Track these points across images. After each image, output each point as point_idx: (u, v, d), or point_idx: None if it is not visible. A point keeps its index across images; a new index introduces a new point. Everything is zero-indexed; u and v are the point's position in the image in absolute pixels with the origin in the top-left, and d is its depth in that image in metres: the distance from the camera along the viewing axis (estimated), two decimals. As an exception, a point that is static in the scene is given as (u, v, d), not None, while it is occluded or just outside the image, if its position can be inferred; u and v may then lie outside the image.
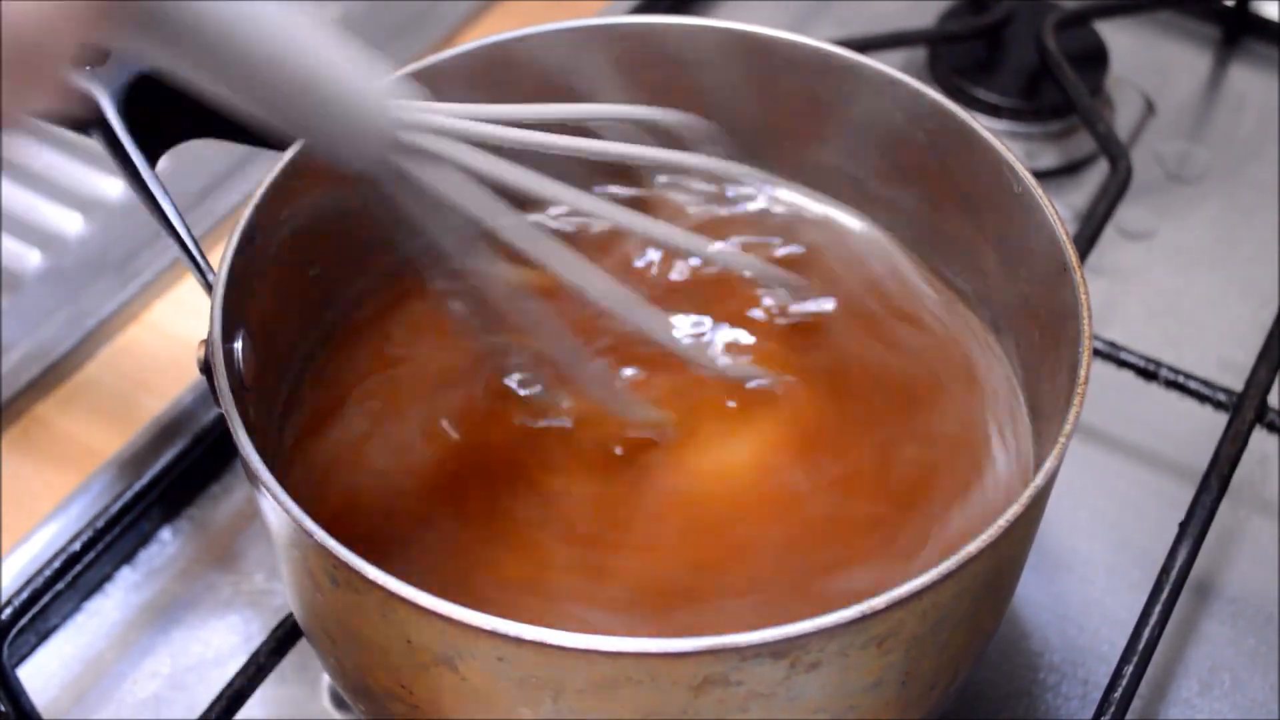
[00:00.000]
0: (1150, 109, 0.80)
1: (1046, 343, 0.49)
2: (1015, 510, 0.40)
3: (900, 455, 0.50)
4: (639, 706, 0.39)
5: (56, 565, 0.55)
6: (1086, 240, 0.63)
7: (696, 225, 0.56)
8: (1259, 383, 0.59)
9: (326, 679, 0.56)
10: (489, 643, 0.38)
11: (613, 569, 0.47)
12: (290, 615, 0.53)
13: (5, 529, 0.60)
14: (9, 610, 0.54)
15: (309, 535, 0.39)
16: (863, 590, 0.39)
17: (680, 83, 0.55)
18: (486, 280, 0.47)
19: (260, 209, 0.48)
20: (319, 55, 0.41)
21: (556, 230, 0.55)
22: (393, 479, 0.50)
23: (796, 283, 0.54)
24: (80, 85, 0.48)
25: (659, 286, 0.55)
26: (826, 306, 0.54)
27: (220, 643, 0.58)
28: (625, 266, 0.55)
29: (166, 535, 0.61)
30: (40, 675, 0.57)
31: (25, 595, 0.54)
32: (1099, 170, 0.74)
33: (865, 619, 0.38)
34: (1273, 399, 0.60)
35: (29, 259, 0.71)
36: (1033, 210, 0.49)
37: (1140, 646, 0.50)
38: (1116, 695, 0.50)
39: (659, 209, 0.57)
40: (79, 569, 0.56)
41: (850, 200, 0.57)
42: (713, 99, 0.56)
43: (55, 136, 0.73)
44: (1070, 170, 0.76)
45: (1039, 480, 0.41)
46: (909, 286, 0.55)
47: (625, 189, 0.57)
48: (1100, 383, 0.61)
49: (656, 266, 0.56)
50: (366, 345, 0.53)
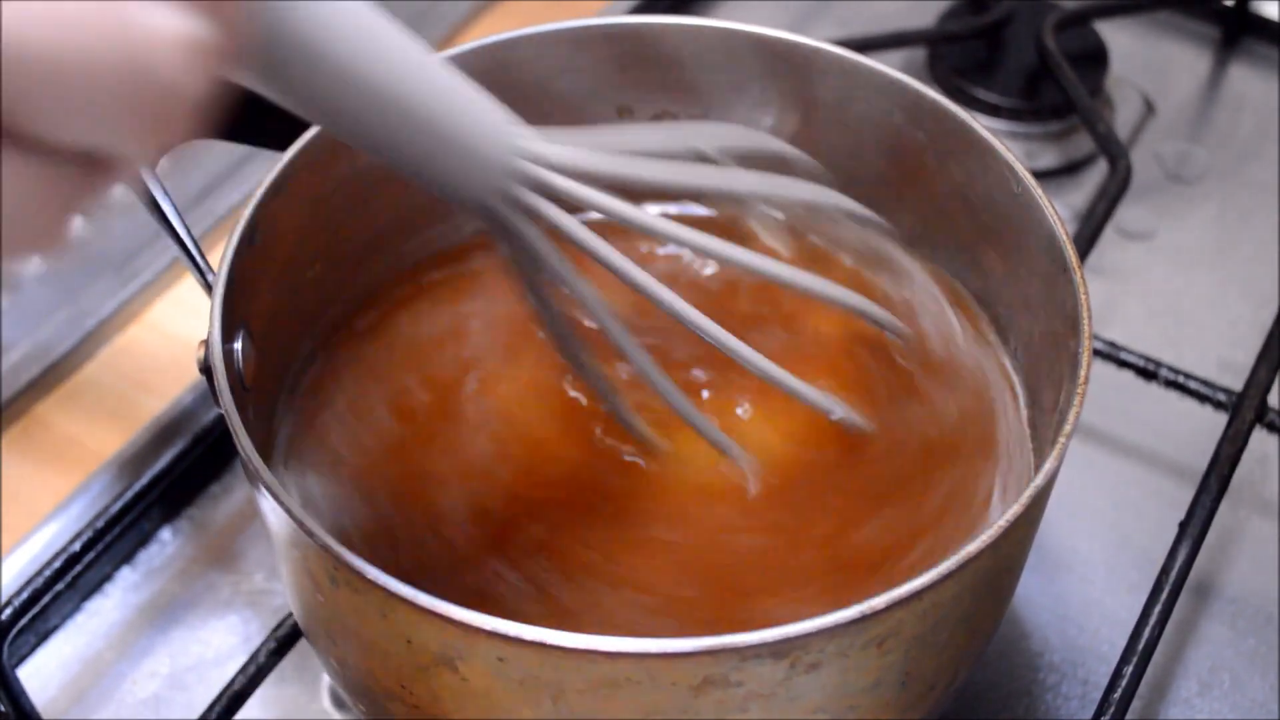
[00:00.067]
0: (1150, 109, 0.80)
1: (1046, 343, 0.49)
2: (1015, 510, 0.40)
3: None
4: (639, 707, 0.39)
5: (56, 565, 0.55)
6: (1086, 240, 0.63)
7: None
8: (1259, 383, 0.59)
9: (326, 679, 0.56)
10: (489, 643, 0.38)
11: (622, 578, 0.47)
12: (290, 615, 0.53)
13: (5, 529, 0.60)
14: (9, 610, 0.54)
15: (309, 535, 0.39)
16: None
17: (680, 83, 0.55)
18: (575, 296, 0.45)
19: (260, 209, 0.48)
20: (443, 97, 0.40)
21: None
22: (392, 479, 0.50)
23: (905, 332, 0.52)
24: None
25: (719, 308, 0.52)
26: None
27: (220, 643, 0.58)
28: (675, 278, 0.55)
29: (166, 535, 0.61)
30: (40, 675, 0.57)
31: (25, 595, 0.54)
32: (1099, 170, 0.74)
33: (865, 619, 0.38)
34: (1273, 399, 0.60)
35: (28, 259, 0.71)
36: (1033, 210, 0.49)
37: (1140, 646, 0.50)
38: (1116, 695, 0.50)
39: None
40: (79, 569, 0.56)
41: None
42: (713, 99, 0.56)
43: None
44: (1070, 170, 0.76)
45: (1039, 480, 0.41)
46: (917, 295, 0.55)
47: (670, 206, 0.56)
48: (1100, 383, 0.62)
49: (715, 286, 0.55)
50: (366, 346, 0.53)
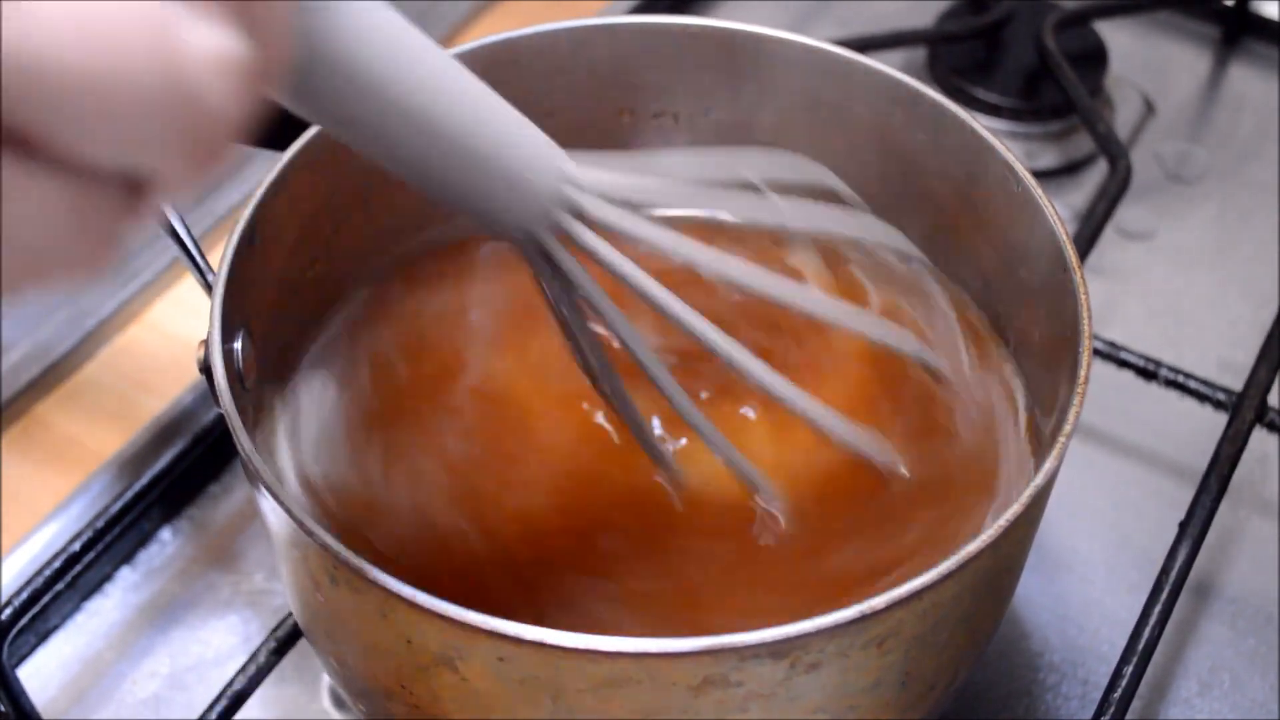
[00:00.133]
0: (1150, 109, 0.80)
1: (1046, 343, 0.49)
2: (1015, 510, 0.40)
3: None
4: (639, 706, 0.39)
5: (56, 565, 0.55)
6: (1086, 240, 0.63)
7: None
8: (1259, 383, 0.59)
9: (326, 679, 0.56)
10: (489, 643, 0.38)
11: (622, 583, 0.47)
12: (290, 615, 0.53)
13: (5, 529, 0.60)
14: (9, 610, 0.53)
15: (309, 535, 0.39)
16: None
17: (680, 82, 0.55)
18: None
19: (260, 209, 0.48)
20: (493, 124, 0.38)
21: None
22: (392, 479, 0.50)
23: (939, 367, 0.51)
24: None
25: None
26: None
27: (220, 643, 0.58)
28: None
29: (166, 535, 0.61)
30: (40, 675, 0.57)
31: (25, 595, 0.54)
32: (1099, 170, 0.74)
33: (865, 619, 0.38)
34: (1273, 399, 0.60)
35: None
36: (1033, 210, 0.49)
37: (1140, 646, 0.50)
38: (1116, 695, 0.50)
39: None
40: (79, 569, 0.56)
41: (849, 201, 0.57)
42: (713, 99, 0.56)
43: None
44: (1070, 170, 0.76)
45: (1039, 480, 0.41)
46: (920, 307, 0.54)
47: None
48: (1100, 383, 0.62)
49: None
50: (366, 345, 0.53)
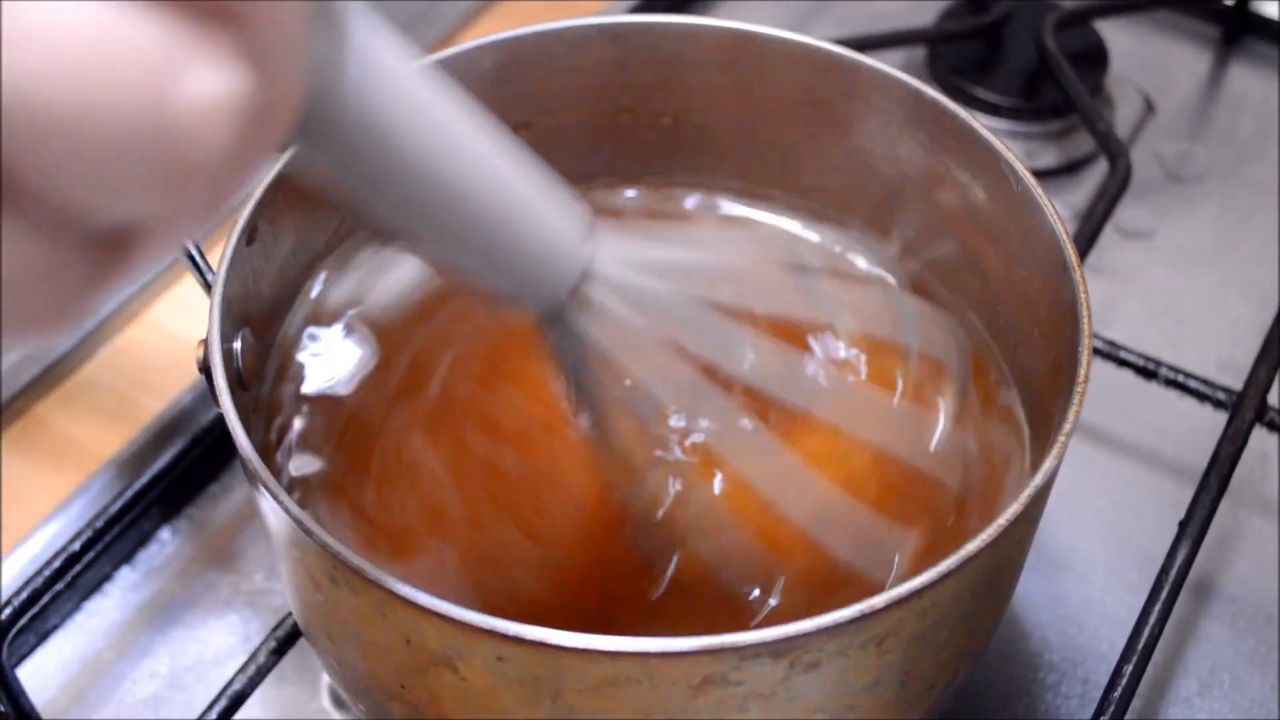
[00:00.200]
0: (1150, 108, 0.80)
1: (1046, 342, 0.49)
2: (1014, 510, 0.40)
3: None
4: (638, 706, 0.39)
5: (56, 565, 0.55)
6: (1086, 240, 0.63)
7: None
8: (1259, 382, 0.59)
9: (326, 679, 0.56)
10: (489, 643, 0.38)
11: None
12: (290, 615, 0.53)
13: (5, 529, 0.60)
14: (9, 610, 0.53)
15: (309, 535, 0.39)
16: None
17: (680, 83, 0.55)
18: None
19: (260, 209, 0.48)
20: (523, 194, 0.36)
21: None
22: (391, 479, 0.50)
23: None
24: None
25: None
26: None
27: (219, 643, 0.58)
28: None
29: (166, 535, 0.61)
30: (40, 675, 0.57)
31: (25, 595, 0.54)
32: (1099, 170, 0.74)
33: (864, 618, 0.38)
34: (1273, 398, 0.60)
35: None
36: (1033, 210, 0.49)
37: (1140, 646, 0.50)
38: (1116, 695, 0.50)
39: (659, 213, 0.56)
40: (79, 569, 0.56)
41: (849, 200, 0.57)
42: (712, 99, 0.56)
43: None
44: (1070, 170, 0.76)
45: (1038, 480, 0.41)
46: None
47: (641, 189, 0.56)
48: (1100, 382, 0.62)
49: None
50: (366, 345, 0.53)
